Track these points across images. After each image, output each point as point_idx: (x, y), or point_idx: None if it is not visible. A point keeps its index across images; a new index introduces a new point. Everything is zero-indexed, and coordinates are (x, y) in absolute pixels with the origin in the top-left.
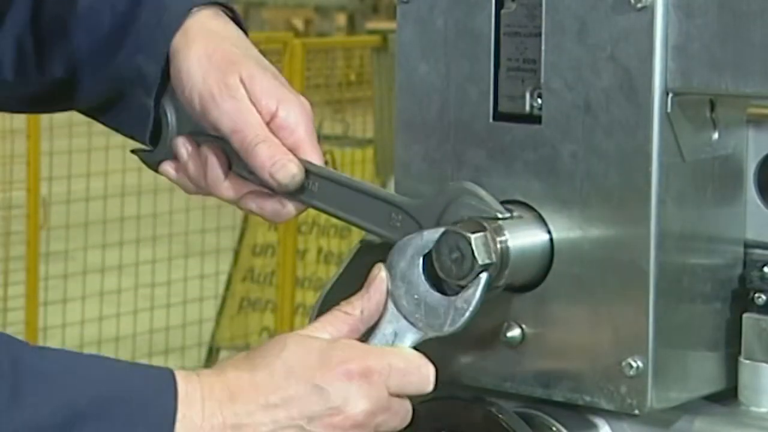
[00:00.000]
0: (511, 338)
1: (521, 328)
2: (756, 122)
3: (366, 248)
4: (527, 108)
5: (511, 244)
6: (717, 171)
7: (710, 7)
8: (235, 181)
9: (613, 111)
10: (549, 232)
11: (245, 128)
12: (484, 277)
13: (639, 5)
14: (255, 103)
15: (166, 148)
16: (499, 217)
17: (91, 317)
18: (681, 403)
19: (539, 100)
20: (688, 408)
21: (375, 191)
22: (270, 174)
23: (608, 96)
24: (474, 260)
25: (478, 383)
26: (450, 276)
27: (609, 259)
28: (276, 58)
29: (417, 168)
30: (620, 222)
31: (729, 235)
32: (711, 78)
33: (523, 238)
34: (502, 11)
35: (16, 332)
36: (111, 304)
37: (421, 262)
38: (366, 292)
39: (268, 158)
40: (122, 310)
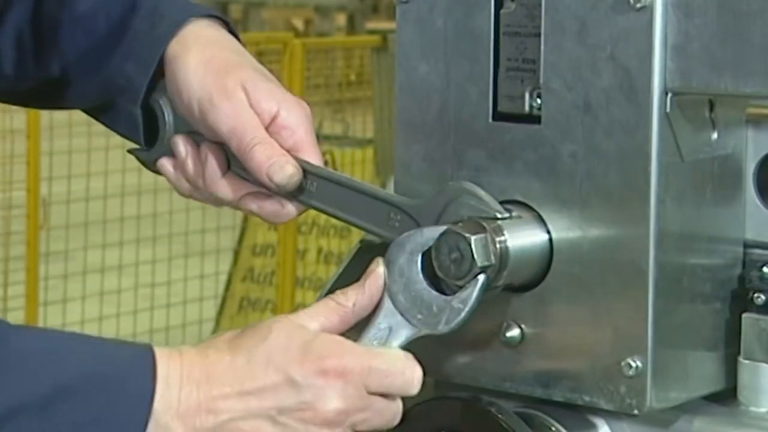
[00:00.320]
0: (511, 338)
1: (521, 328)
2: (755, 122)
3: (366, 248)
4: (527, 108)
5: (511, 245)
6: (716, 171)
7: (710, 7)
8: (234, 181)
9: (613, 111)
10: (548, 232)
11: (243, 130)
12: (482, 278)
13: (638, 5)
14: (254, 106)
15: (164, 148)
16: (499, 217)
17: (91, 317)
18: (680, 403)
19: (539, 100)
20: (688, 408)
21: (374, 191)
22: (267, 175)
23: (608, 96)
24: (473, 261)
25: (478, 383)
26: (448, 276)
27: (609, 259)
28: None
29: (417, 168)
30: (620, 222)
31: (728, 235)
32: (710, 78)
33: (523, 238)
34: (502, 11)
35: None
36: (111, 304)
37: (420, 259)
38: (361, 286)
39: (266, 159)
40: (122, 310)
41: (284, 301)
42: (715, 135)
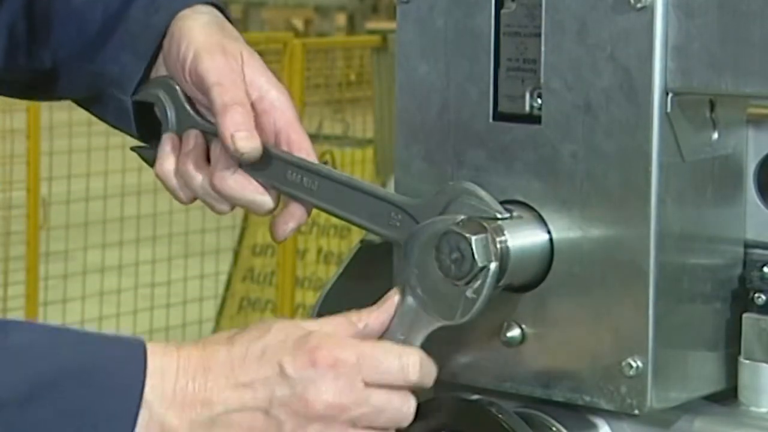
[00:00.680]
0: (511, 338)
1: (521, 328)
2: (756, 122)
3: (366, 248)
4: (527, 108)
5: (511, 245)
6: (717, 171)
7: (710, 7)
8: (243, 179)
9: (613, 111)
10: (549, 232)
11: (230, 86)
12: (493, 268)
13: (639, 5)
14: (247, 77)
15: None
16: (499, 218)
17: (91, 317)
18: (681, 403)
19: (539, 100)
20: (688, 408)
21: (375, 191)
22: (233, 137)
23: (608, 96)
24: (474, 261)
25: (478, 383)
26: (449, 275)
27: (609, 259)
28: (276, 58)
29: (417, 168)
30: (620, 222)
31: (729, 235)
32: (711, 78)
33: (523, 239)
34: (502, 11)
35: None
36: (111, 304)
37: (434, 250)
38: (375, 310)
39: (239, 123)
40: (122, 310)
41: (284, 301)
42: (716, 135)
